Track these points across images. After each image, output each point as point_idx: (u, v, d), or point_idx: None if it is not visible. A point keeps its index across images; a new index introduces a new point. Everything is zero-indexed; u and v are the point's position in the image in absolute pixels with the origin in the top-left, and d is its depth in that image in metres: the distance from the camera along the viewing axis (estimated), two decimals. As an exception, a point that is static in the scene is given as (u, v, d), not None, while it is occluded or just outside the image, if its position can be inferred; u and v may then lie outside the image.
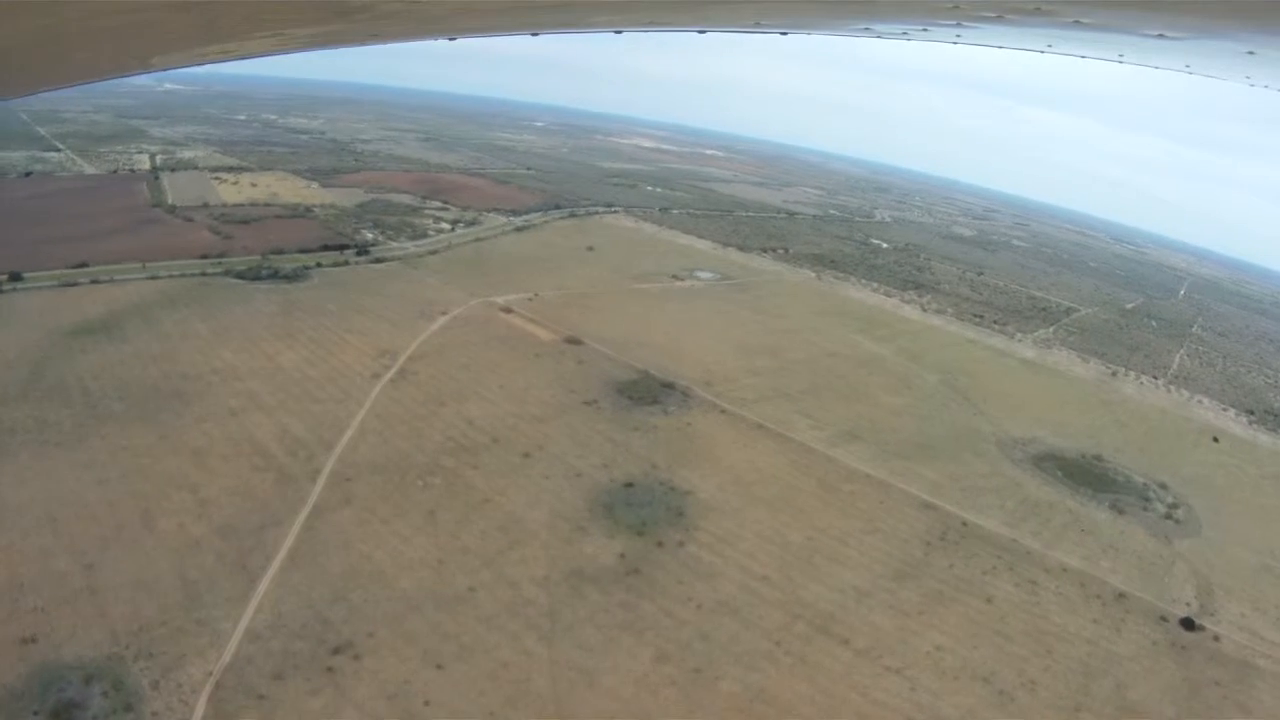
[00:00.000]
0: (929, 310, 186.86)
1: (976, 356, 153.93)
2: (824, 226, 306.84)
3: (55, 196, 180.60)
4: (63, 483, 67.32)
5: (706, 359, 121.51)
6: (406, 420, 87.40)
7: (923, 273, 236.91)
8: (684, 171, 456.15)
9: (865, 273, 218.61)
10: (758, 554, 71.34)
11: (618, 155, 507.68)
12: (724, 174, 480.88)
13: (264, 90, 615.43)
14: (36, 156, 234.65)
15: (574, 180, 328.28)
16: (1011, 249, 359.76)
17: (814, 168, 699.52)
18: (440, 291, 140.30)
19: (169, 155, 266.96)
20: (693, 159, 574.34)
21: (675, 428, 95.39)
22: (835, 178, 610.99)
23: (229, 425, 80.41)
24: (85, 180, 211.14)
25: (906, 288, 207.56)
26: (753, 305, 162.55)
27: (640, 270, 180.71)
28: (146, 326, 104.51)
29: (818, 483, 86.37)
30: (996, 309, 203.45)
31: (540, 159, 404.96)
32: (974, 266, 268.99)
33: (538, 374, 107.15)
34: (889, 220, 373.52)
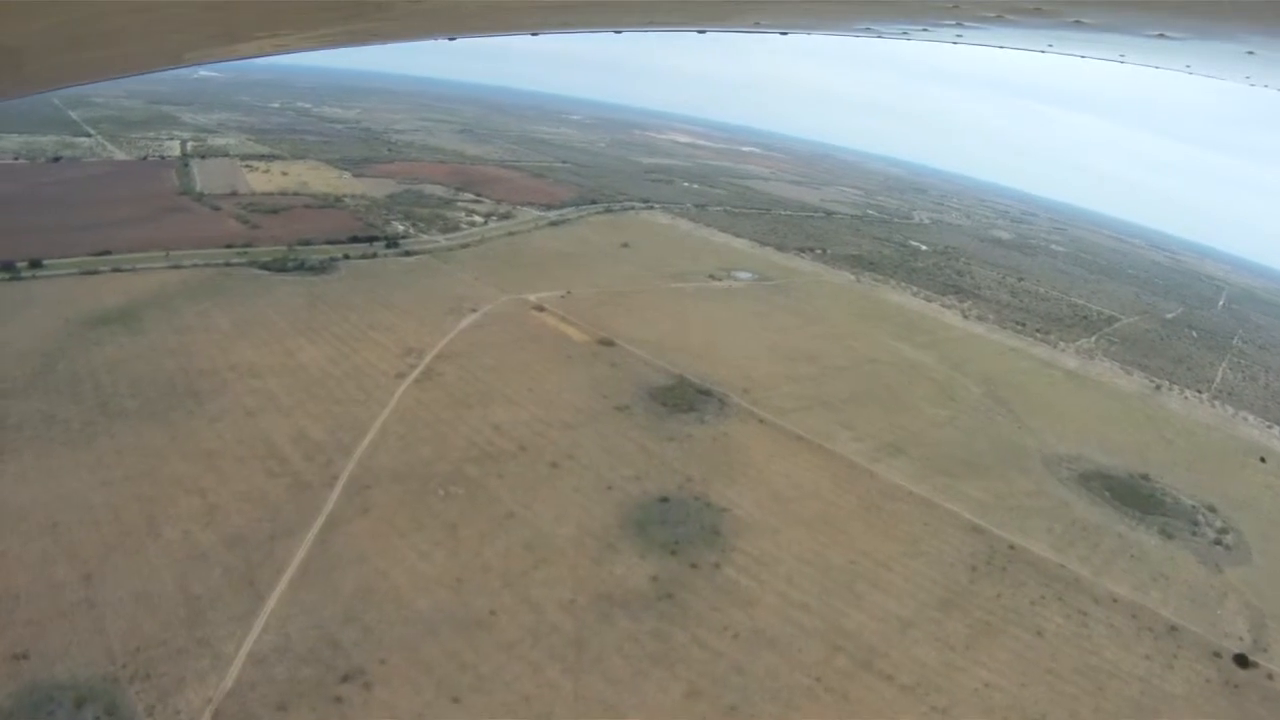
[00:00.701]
0: (970, 316, 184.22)
1: (1020, 366, 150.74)
2: (863, 227, 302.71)
3: (82, 182, 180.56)
4: (67, 484, 65.04)
5: (744, 364, 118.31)
6: (430, 424, 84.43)
7: (963, 277, 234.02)
8: (721, 168, 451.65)
9: (905, 276, 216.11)
10: (797, 578, 67.75)
11: (655, 150, 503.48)
12: (761, 171, 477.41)
13: (299, 79, 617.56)
14: (66, 141, 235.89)
15: (610, 175, 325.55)
16: (1050, 254, 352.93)
17: (851, 167, 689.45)
18: (471, 287, 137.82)
19: (200, 142, 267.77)
20: (730, 156, 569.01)
21: (712, 438, 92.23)
22: (873, 178, 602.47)
23: (244, 426, 77.88)
24: (113, 166, 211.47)
25: (947, 292, 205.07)
26: (791, 308, 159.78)
27: (676, 269, 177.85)
28: (165, 318, 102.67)
29: (859, 500, 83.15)
30: (1038, 316, 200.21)
31: (576, 153, 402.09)
32: (1014, 271, 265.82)
33: (569, 377, 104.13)
34: (927, 222, 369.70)
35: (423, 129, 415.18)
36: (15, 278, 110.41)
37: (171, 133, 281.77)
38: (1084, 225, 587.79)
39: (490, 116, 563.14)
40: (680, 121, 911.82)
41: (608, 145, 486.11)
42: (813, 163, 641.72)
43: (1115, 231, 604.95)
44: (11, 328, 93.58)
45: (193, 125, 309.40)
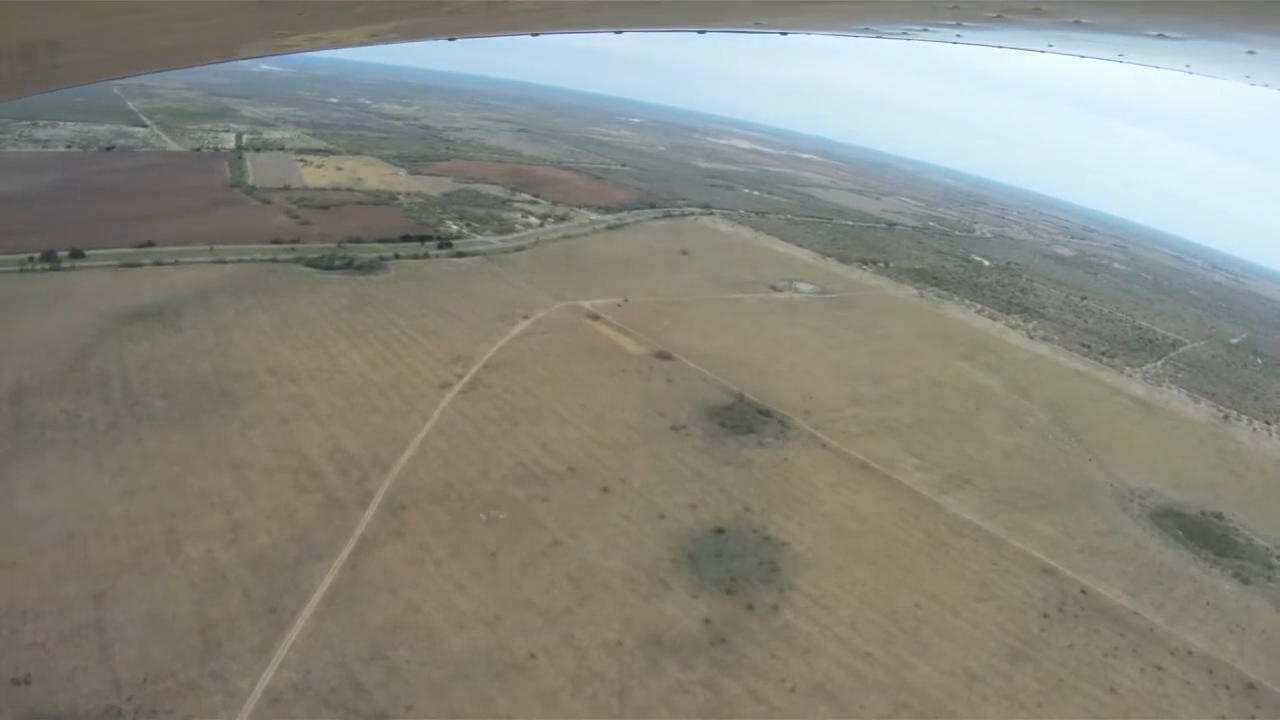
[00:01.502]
0: (1035, 337, 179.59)
1: (1087, 392, 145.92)
2: (924, 240, 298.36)
3: (132, 173, 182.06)
4: (86, 492, 62.60)
5: (806, 383, 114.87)
6: (474, 440, 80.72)
7: (1026, 295, 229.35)
8: (781, 175, 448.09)
9: (968, 292, 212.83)
10: (860, 623, 63.26)
11: (714, 155, 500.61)
12: (821, 179, 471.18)
13: (360, 75, 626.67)
14: (122, 131, 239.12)
15: (669, 179, 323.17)
16: (1112, 272, 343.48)
17: (910, 177, 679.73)
18: (523, 292, 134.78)
19: (256, 135, 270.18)
20: (790, 162, 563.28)
21: (772, 463, 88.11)
22: (932, 189, 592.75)
23: (277, 435, 74.92)
24: (166, 157, 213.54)
25: (1011, 311, 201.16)
26: (854, 323, 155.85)
27: (736, 278, 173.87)
28: (204, 315, 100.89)
29: (926, 536, 79.11)
30: (1103, 338, 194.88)
31: (636, 155, 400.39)
32: (1077, 290, 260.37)
33: (623, 392, 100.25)
34: (989, 236, 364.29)
35: (481, 128, 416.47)
36: (55, 268, 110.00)
37: (228, 125, 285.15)
38: (1143, 242, 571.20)
39: (549, 117, 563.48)
40: (740, 126, 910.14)
41: (667, 149, 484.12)
42: (871, 171, 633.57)
43: (1175, 250, 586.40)
44: (46, 321, 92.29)
45: (250, 118, 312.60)
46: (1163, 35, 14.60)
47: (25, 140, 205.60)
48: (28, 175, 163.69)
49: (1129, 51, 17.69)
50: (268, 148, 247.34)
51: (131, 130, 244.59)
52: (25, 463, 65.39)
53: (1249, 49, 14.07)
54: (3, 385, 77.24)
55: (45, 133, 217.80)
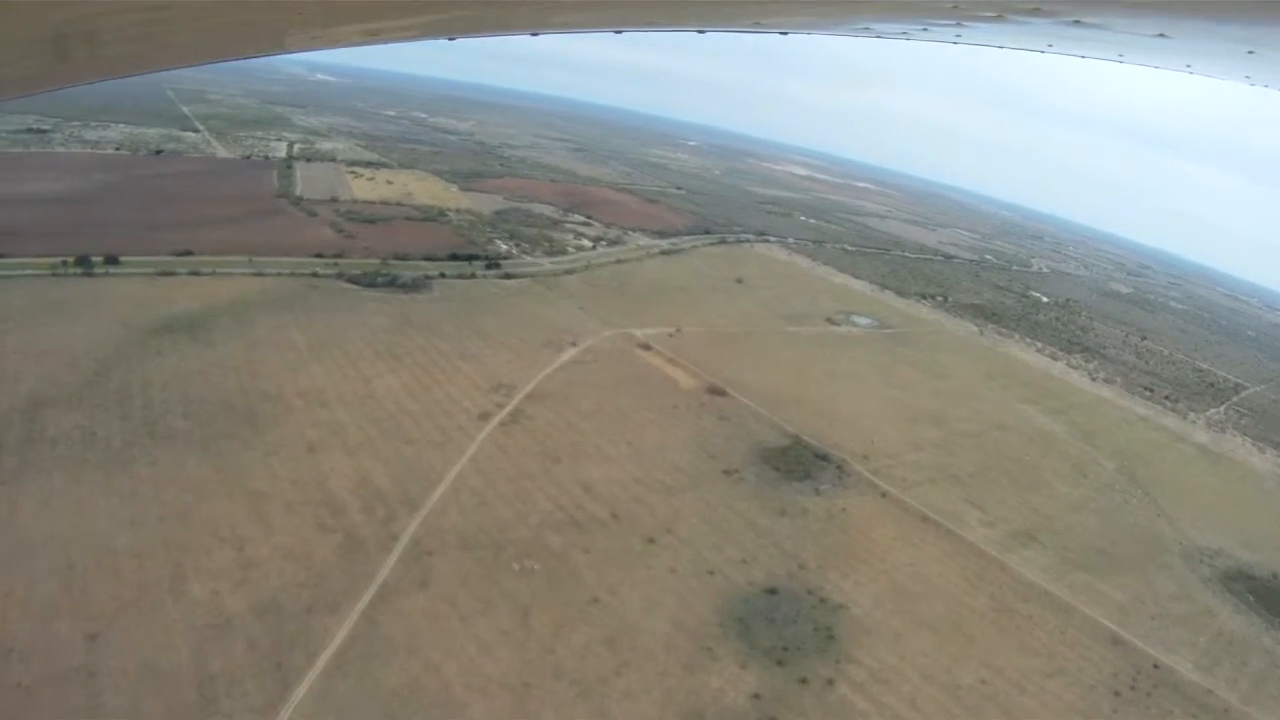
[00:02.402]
0: (1097, 379, 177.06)
1: (1151, 439, 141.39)
2: (982, 274, 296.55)
3: (178, 178, 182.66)
4: (92, 519, 59.65)
5: (865, 424, 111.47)
6: (512, 478, 76.68)
7: (1086, 334, 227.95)
8: (838, 203, 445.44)
9: (1028, 330, 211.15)
10: (920, 701, 58.76)
11: (771, 181, 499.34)
12: (877, 209, 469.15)
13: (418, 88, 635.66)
14: (172, 135, 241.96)
15: (725, 204, 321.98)
16: (1170, 311, 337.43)
17: (965, 209, 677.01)
18: (573, 318, 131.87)
19: (308, 145, 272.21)
20: (845, 190, 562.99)
21: (829, 514, 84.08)
22: (987, 221, 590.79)
23: (301, 465, 71.54)
24: (214, 164, 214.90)
25: (1072, 350, 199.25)
26: (914, 361, 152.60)
27: (793, 310, 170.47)
28: (236, 331, 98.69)
29: (991, 600, 75.01)
30: (1164, 381, 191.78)
31: (692, 179, 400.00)
32: (1136, 329, 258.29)
33: (673, 430, 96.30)
34: (1046, 271, 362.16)
35: (537, 145, 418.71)
36: (88, 273, 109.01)
37: (280, 134, 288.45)
38: (1198, 280, 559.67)
39: (605, 137, 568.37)
40: (796, 153, 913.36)
41: (723, 173, 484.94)
42: (926, 202, 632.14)
43: (1230, 289, 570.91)
44: (72, 329, 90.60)
45: (303, 127, 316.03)
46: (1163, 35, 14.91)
47: (75, 141, 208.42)
48: (72, 176, 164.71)
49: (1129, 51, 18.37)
50: (318, 158, 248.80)
51: (182, 135, 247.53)
52: (32, 481, 62.79)
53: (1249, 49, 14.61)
54: (19, 395, 75.09)
55: (95, 134, 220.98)
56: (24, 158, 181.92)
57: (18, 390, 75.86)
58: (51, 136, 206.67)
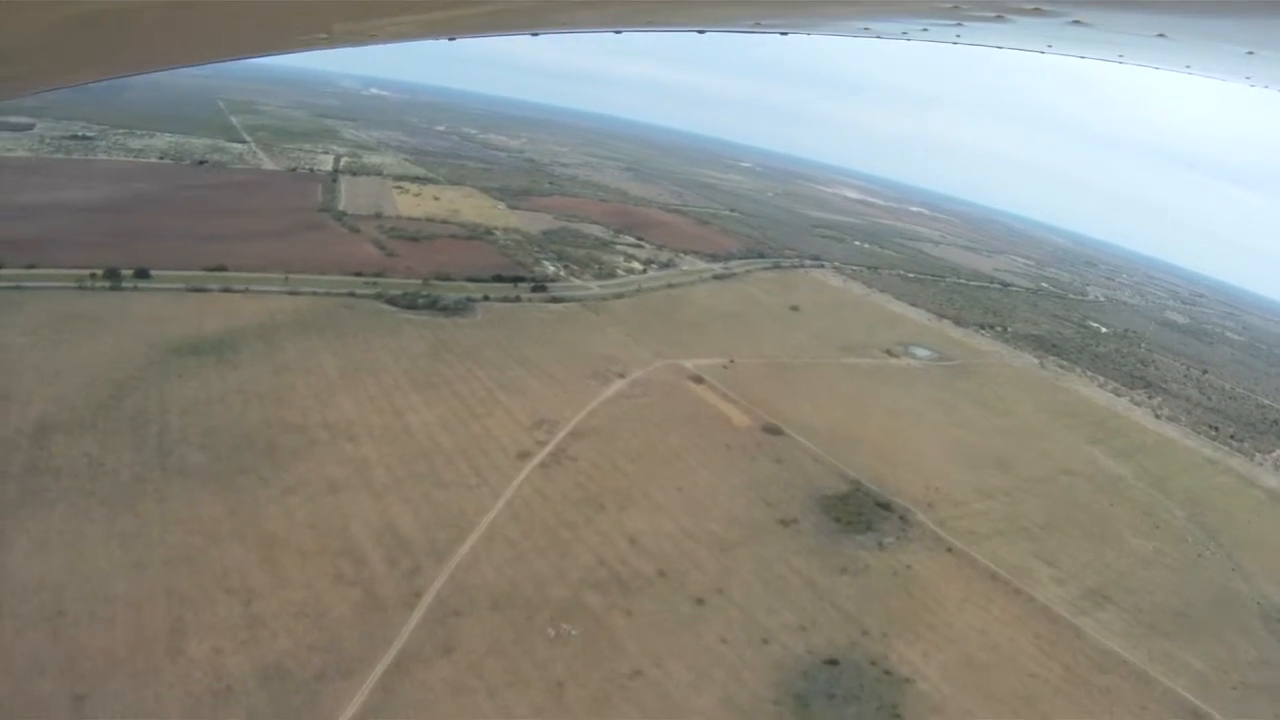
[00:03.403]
0: (1161, 416, 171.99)
1: (1220, 484, 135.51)
2: (1040, 303, 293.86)
3: (219, 189, 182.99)
4: (90, 560, 56.05)
5: (928, 468, 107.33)
6: (551, 528, 71.89)
7: (1147, 367, 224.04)
8: (892, 228, 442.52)
9: (1089, 363, 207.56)
10: None
11: (824, 204, 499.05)
12: (932, 234, 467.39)
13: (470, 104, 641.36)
14: (219, 145, 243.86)
15: (779, 227, 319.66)
16: (1227, 343, 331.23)
17: (1019, 234, 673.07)
18: (622, 346, 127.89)
19: (355, 158, 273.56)
20: (899, 215, 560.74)
21: (892, 571, 79.60)
22: (1041, 247, 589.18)
23: (321, 506, 67.31)
24: (258, 175, 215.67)
25: (1135, 385, 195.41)
26: (976, 397, 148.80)
27: (850, 340, 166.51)
28: (265, 353, 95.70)
29: (1065, 671, 70.07)
30: (1228, 418, 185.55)
31: (744, 201, 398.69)
32: (1196, 362, 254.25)
33: (726, 474, 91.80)
34: (1102, 300, 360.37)
35: (587, 164, 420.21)
36: (116, 287, 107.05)
37: (328, 146, 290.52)
38: (1250, 309, 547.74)
39: (657, 157, 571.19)
40: (848, 176, 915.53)
41: (776, 195, 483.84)
42: (980, 227, 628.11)
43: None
44: (92, 347, 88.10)
45: (352, 141, 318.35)
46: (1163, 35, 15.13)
47: (118, 149, 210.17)
48: (111, 185, 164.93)
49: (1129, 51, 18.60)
50: (365, 172, 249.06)
51: (229, 146, 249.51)
52: (30, 514, 59.53)
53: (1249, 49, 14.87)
54: (27, 418, 72.10)
55: (140, 142, 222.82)
56: (64, 164, 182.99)
57: (27, 412, 73.01)
58: (95, 143, 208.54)
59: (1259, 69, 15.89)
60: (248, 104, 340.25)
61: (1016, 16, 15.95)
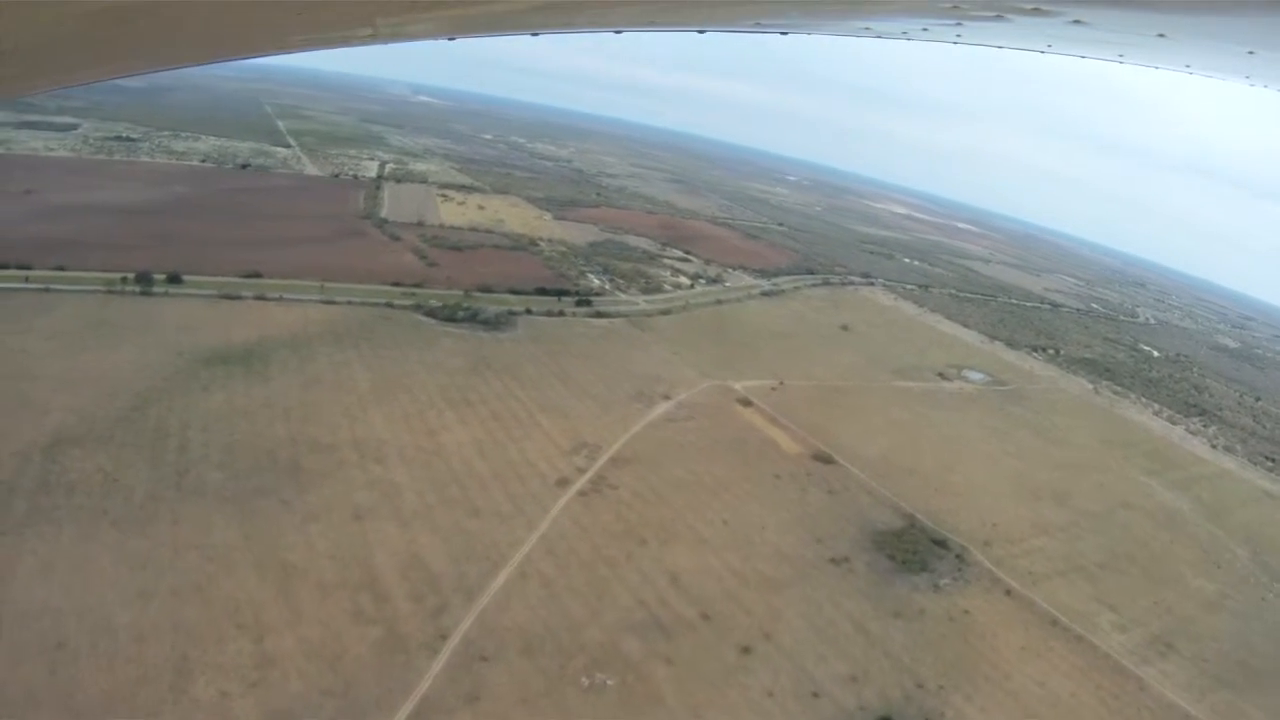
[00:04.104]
0: (1217, 446, 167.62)
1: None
2: (1091, 325, 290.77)
3: (260, 194, 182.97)
4: (96, 587, 53.18)
5: (984, 501, 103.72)
6: (588, 564, 68.14)
7: (1201, 394, 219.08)
8: (940, 245, 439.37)
9: (1143, 389, 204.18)
10: None
11: (872, 220, 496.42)
12: (980, 251, 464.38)
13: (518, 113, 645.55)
14: (263, 150, 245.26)
15: (827, 242, 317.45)
16: None
17: (1066, 253, 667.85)
18: (667, 365, 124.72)
19: (400, 165, 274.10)
20: (947, 231, 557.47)
21: (948, 616, 75.82)
22: (1089, 266, 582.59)
23: (344, 534, 64.06)
24: (300, 180, 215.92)
25: (1190, 413, 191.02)
26: (1031, 423, 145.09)
27: (902, 363, 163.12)
28: (295, 365, 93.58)
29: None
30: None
31: (792, 215, 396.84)
32: (1249, 388, 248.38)
33: (775, 506, 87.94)
34: (1153, 323, 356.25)
35: (635, 175, 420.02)
36: (146, 292, 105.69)
37: (373, 153, 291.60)
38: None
39: (704, 169, 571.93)
40: (894, 191, 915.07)
41: (824, 210, 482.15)
42: (1027, 245, 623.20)
43: None
44: (116, 355, 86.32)
45: (398, 147, 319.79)
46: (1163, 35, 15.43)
47: (160, 151, 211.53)
48: (151, 187, 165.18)
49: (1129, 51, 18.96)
50: (409, 179, 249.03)
51: (273, 150, 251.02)
52: (37, 534, 57.09)
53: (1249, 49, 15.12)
54: (44, 429, 69.97)
55: (183, 144, 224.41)
56: (105, 165, 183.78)
57: (44, 423, 70.91)
58: (138, 145, 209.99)
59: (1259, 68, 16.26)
60: (294, 108, 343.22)
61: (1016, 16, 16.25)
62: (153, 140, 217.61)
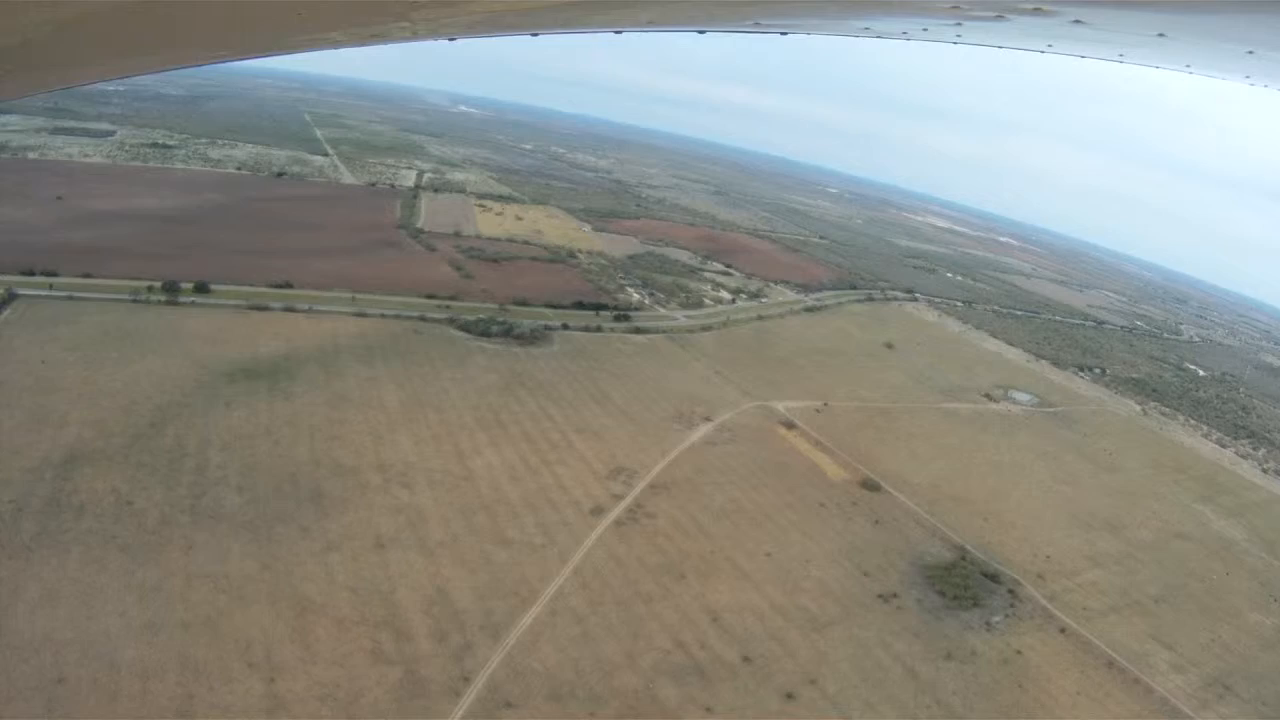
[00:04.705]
0: (1268, 470, 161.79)
1: None
2: (1135, 342, 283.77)
3: (294, 203, 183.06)
4: (101, 617, 50.80)
5: (1036, 531, 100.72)
6: (624, 600, 64.89)
7: (1249, 415, 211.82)
8: (982, 260, 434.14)
9: (1190, 409, 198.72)
10: None
11: (913, 233, 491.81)
12: (1022, 266, 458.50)
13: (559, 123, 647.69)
14: (300, 158, 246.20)
15: (869, 256, 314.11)
16: None
17: (1107, 268, 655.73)
18: (708, 385, 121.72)
19: (438, 175, 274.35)
20: (988, 245, 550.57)
21: (1002, 658, 72.78)
22: (1131, 282, 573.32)
23: (365, 566, 61.29)
24: (336, 190, 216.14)
25: (1239, 435, 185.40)
26: (1079, 447, 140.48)
27: (947, 383, 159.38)
28: (322, 381, 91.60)
29: None
30: None
31: (833, 228, 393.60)
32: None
33: (821, 537, 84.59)
34: (1197, 340, 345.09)
35: (675, 186, 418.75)
36: (173, 302, 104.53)
37: (412, 162, 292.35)
38: None
39: (744, 180, 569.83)
40: (934, 204, 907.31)
41: (864, 223, 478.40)
42: (1068, 259, 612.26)
43: None
44: (138, 367, 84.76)
45: (437, 157, 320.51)
46: (1163, 35, 15.45)
47: (196, 158, 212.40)
48: (184, 194, 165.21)
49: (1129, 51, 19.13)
50: (447, 189, 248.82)
51: (310, 158, 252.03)
52: (43, 559, 54.97)
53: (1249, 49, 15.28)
54: (58, 445, 68.21)
55: (220, 152, 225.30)
56: (139, 172, 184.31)
57: (59, 439, 69.17)
58: (174, 152, 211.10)
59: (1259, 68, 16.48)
60: (334, 117, 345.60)
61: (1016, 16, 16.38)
62: (189, 147, 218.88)
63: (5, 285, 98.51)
